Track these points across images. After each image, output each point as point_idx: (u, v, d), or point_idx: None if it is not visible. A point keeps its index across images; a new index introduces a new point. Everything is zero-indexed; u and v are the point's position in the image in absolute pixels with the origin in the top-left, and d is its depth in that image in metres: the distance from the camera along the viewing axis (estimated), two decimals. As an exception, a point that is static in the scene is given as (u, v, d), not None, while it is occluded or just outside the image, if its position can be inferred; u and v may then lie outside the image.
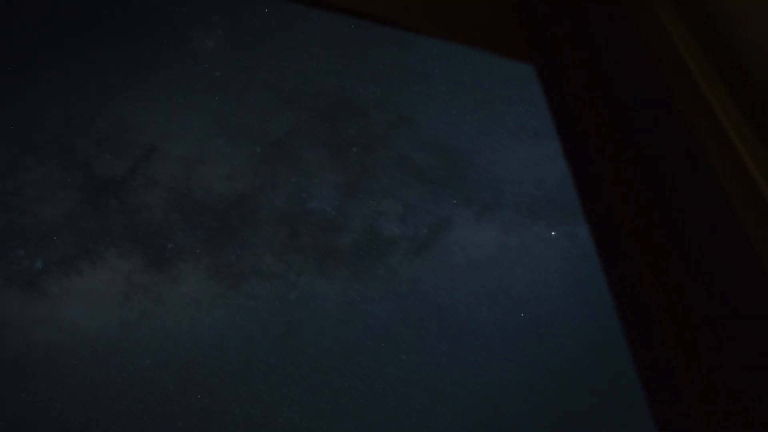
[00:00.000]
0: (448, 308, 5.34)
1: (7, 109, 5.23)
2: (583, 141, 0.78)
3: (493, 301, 5.36)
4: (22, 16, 5.27)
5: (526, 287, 5.38)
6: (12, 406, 5.30)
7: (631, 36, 0.76)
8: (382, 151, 5.37)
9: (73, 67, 5.28)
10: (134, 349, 5.39)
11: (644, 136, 0.71)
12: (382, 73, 5.36)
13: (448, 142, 5.41)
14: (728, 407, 0.52)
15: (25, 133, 5.27)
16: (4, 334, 5.32)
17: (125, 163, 5.36)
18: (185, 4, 5.42)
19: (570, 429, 5.30)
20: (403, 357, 5.37)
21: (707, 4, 0.70)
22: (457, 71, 5.45)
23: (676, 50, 0.68)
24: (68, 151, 5.33)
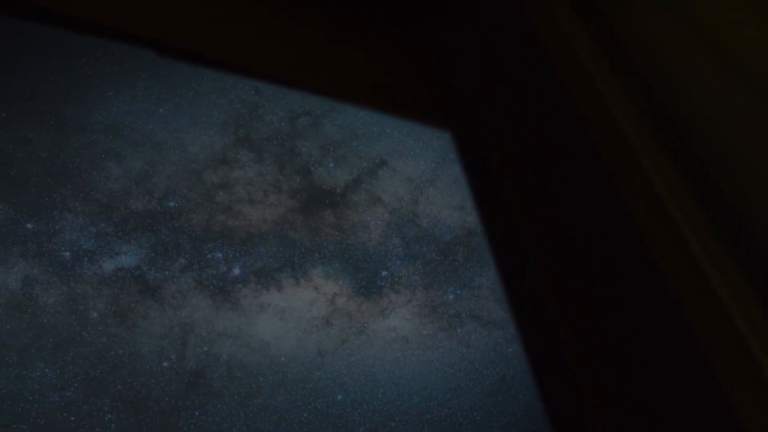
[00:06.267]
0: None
1: (232, 94, 4.68)
2: (502, 209, 0.78)
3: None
4: None
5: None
6: (183, 423, 4.76)
7: (555, 85, 0.72)
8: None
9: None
10: (327, 381, 4.84)
11: (567, 198, 0.69)
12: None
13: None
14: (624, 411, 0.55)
15: (245, 124, 4.71)
16: (187, 341, 4.78)
17: (349, 174, 4.80)
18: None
19: None
20: None
21: (644, 69, 0.69)
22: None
23: (605, 105, 0.66)
24: (289, 151, 4.77)
